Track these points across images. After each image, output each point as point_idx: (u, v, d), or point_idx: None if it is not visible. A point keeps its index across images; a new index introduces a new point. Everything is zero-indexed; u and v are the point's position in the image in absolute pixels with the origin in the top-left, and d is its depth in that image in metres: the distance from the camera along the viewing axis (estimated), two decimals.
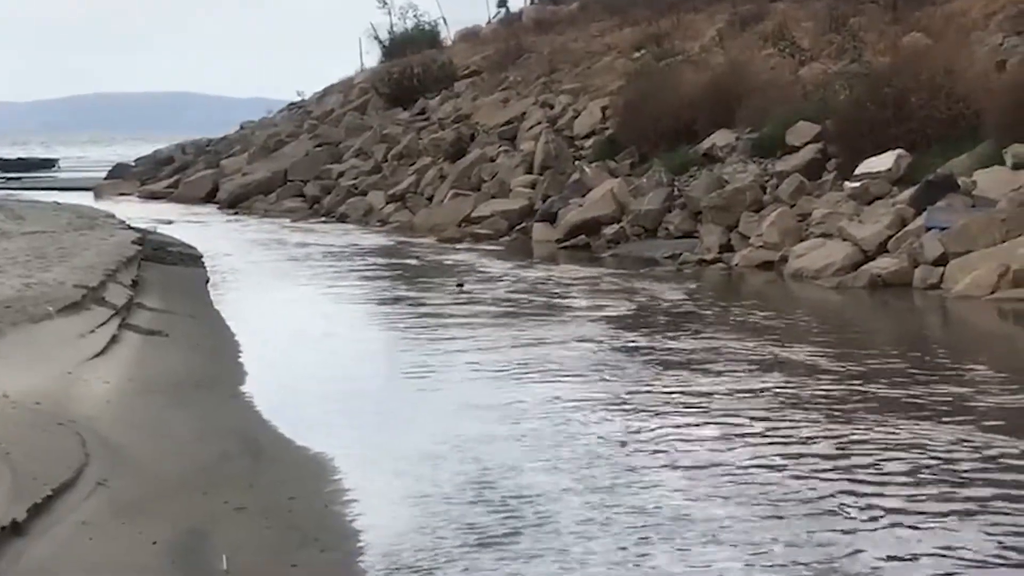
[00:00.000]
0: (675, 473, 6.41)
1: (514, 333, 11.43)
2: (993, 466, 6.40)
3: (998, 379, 8.74)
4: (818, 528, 5.42)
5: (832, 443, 6.95)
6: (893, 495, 5.91)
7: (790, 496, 5.95)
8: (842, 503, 5.79)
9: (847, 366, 9.37)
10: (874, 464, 6.49)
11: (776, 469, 6.43)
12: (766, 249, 16.81)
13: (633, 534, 5.35)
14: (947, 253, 14.11)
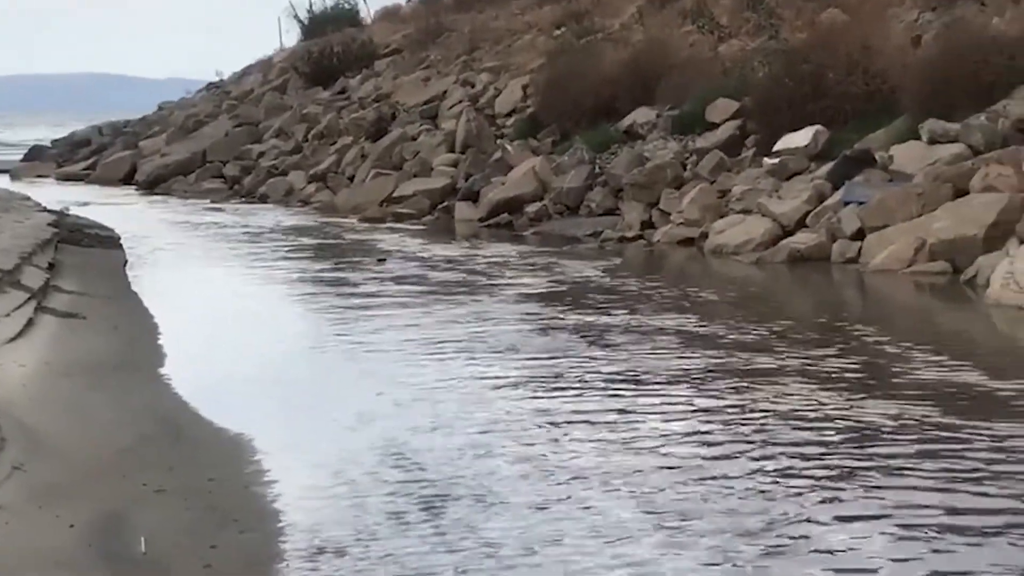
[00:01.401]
0: (596, 449, 6.42)
1: (436, 312, 11.42)
2: (910, 434, 6.46)
3: (914, 351, 8.84)
4: (735, 497, 5.45)
5: (750, 414, 6.99)
6: (812, 463, 5.95)
7: (709, 468, 5.98)
8: (759, 471, 5.83)
9: (766, 340, 9.44)
10: (794, 433, 6.54)
11: (695, 442, 6.46)
12: (687, 226, 16.89)
13: (548, 509, 5.35)
14: (864, 227, 14.25)
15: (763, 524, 5.16)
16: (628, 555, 4.84)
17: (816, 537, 4.98)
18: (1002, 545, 4.83)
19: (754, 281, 13.86)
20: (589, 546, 4.95)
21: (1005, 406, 7.14)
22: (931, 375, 8.02)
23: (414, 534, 5.13)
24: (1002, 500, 5.39)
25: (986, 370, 8.09)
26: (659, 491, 5.60)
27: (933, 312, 11.94)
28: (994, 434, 6.43)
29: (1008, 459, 5.98)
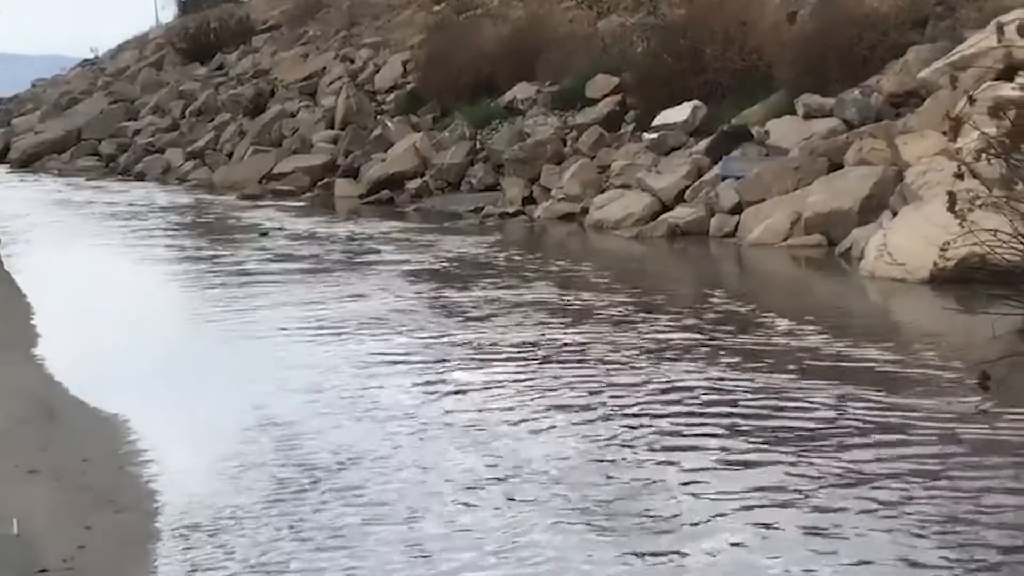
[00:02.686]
0: (478, 423, 6.41)
1: (318, 289, 11.33)
2: (766, 399, 6.54)
3: (788, 322, 8.94)
4: (615, 472, 5.48)
5: (629, 388, 7.03)
6: (687, 436, 6.00)
7: (586, 441, 6.01)
8: (634, 444, 5.86)
9: (645, 314, 9.50)
10: (673, 406, 6.59)
11: (576, 412, 6.48)
12: (567, 201, 16.95)
13: (428, 490, 5.33)
14: (742, 202, 14.40)
15: (604, 480, 5.21)
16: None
17: (662, 501, 5.00)
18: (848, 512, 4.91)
19: (633, 255, 13.95)
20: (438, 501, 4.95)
21: (870, 373, 7.25)
22: (803, 344, 8.12)
23: (289, 512, 5.09)
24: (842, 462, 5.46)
25: (855, 339, 8.21)
26: (529, 466, 5.60)
27: (808, 284, 12.10)
28: (846, 396, 6.53)
29: (846, 420, 6.07)
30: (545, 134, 18.83)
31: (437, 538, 4.72)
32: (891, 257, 10.81)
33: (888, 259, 10.85)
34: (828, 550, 4.46)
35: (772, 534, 4.63)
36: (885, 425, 6.02)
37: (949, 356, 7.52)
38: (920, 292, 10.10)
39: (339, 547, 4.68)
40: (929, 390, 6.73)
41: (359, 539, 4.77)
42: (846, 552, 4.43)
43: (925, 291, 10.04)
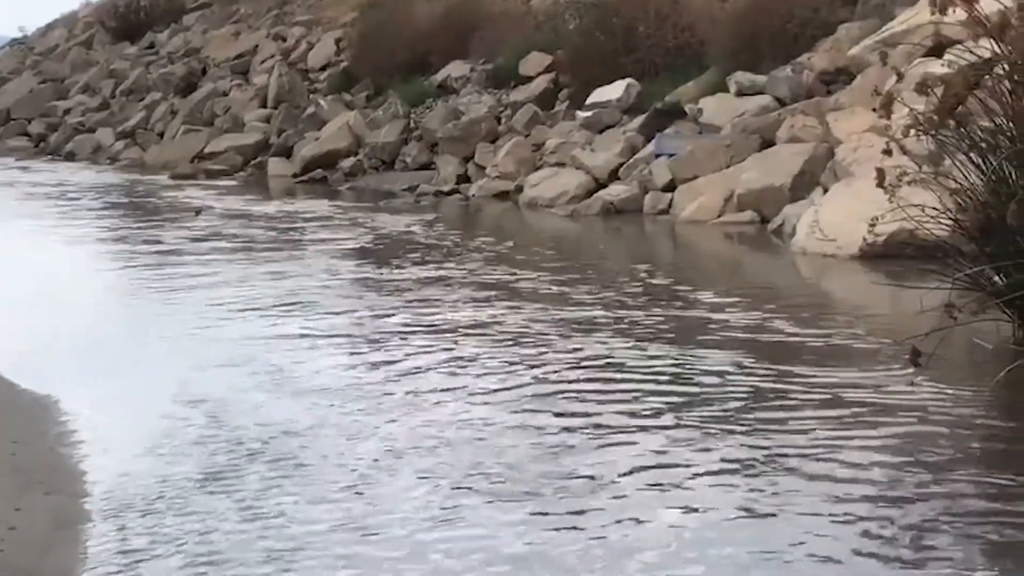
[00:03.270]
0: (408, 400, 6.41)
1: (250, 268, 11.27)
2: (708, 379, 6.58)
3: (719, 298, 9.00)
4: (535, 439, 5.49)
5: (558, 362, 7.04)
6: (618, 412, 6.02)
7: (509, 411, 6.01)
8: (563, 420, 5.88)
9: (574, 290, 9.52)
10: (606, 383, 6.61)
11: (502, 384, 6.49)
12: (502, 179, 16.95)
13: (357, 468, 5.32)
14: (675, 179, 14.46)
15: (522, 447, 5.23)
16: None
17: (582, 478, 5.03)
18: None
19: (567, 233, 13.98)
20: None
21: (799, 349, 7.31)
22: (732, 319, 8.17)
23: (222, 490, 5.06)
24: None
25: (784, 313, 8.28)
26: (445, 444, 5.60)
27: (740, 261, 12.19)
28: (782, 373, 6.58)
29: (773, 393, 6.12)
30: (479, 112, 18.82)
31: (372, 513, 4.71)
32: (822, 233, 10.90)
33: (819, 235, 10.94)
34: (750, 520, 4.49)
35: (689, 504, 4.66)
36: (814, 398, 6.07)
37: (879, 331, 7.60)
38: (850, 268, 10.20)
39: (274, 523, 4.66)
40: (859, 364, 6.80)
41: (294, 514, 4.75)
42: (773, 525, 4.46)
43: (855, 267, 10.14)
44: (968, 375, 6.44)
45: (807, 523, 4.45)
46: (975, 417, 5.83)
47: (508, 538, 4.44)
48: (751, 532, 4.42)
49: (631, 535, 4.43)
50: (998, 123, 6.83)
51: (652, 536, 4.40)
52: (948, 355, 6.43)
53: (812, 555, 4.18)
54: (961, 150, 7.10)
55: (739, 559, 4.18)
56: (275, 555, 4.37)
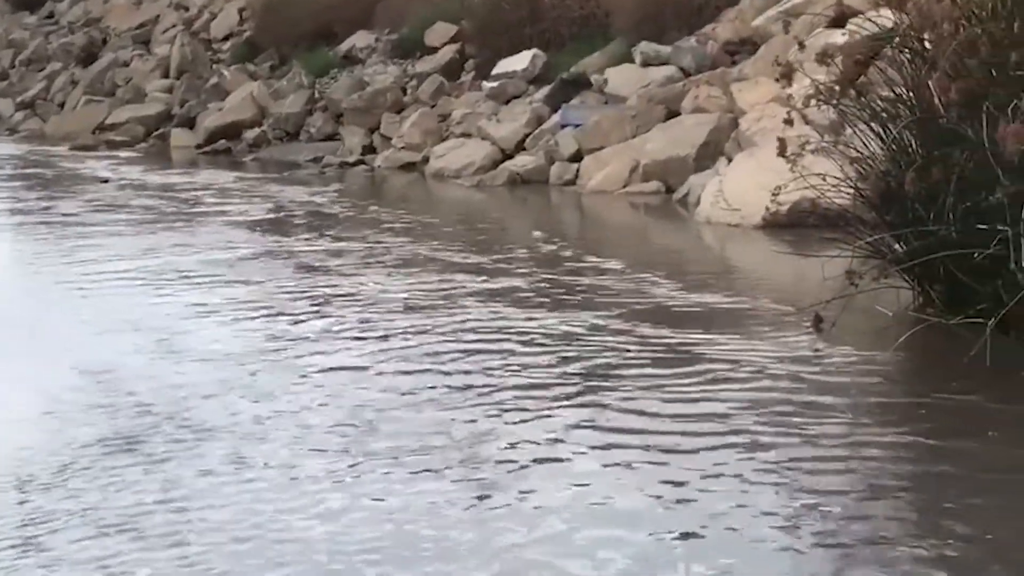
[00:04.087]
0: (313, 373, 6.37)
1: (151, 239, 11.13)
2: (613, 346, 6.60)
3: (624, 267, 9.03)
4: (433, 410, 5.48)
5: (461, 332, 7.03)
6: (520, 377, 6.03)
7: (410, 379, 6.00)
8: (457, 385, 5.87)
9: (480, 260, 9.51)
10: (513, 347, 6.61)
11: (404, 355, 6.47)
12: (408, 150, 16.89)
13: (251, 437, 5.29)
14: (581, 149, 14.49)
15: (421, 416, 5.23)
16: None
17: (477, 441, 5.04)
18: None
19: (473, 204, 13.96)
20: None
21: (701, 317, 7.36)
22: (637, 288, 8.20)
23: (121, 463, 5.00)
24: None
25: (688, 282, 8.33)
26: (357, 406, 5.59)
27: (645, 230, 12.24)
28: (683, 340, 6.62)
29: (678, 361, 6.16)
30: (384, 83, 18.71)
31: (281, 487, 4.67)
32: (726, 203, 10.97)
33: (723, 205, 11.01)
34: (656, 489, 4.51)
35: (595, 474, 4.67)
36: (719, 366, 6.10)
37: (781, 299, 7.65)
38: (754, 237, 10.27)
39: (177, 494, 4.61)
40: (762, 332, 6.85)
41: (195, 484, 4.70)
42: (678, 493, 4.48)
43: (759, 236, 10.22)
44: (869, 341, 6.51)
45: (679, 492, 4.48)
46: (875, 381, 5.90)
47: (404, 497, 4.42)
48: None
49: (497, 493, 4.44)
50: (898, 93, 6.90)
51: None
52: (850, 322, 6.50)
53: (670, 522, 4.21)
54: (862, 120, 7.17)
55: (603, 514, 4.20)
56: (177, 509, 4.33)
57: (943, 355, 6.29)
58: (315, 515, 4.35)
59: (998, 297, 5.84)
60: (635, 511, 4.28)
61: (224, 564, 4.00)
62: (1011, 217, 5.55)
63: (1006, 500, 4.31)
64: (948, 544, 3.94)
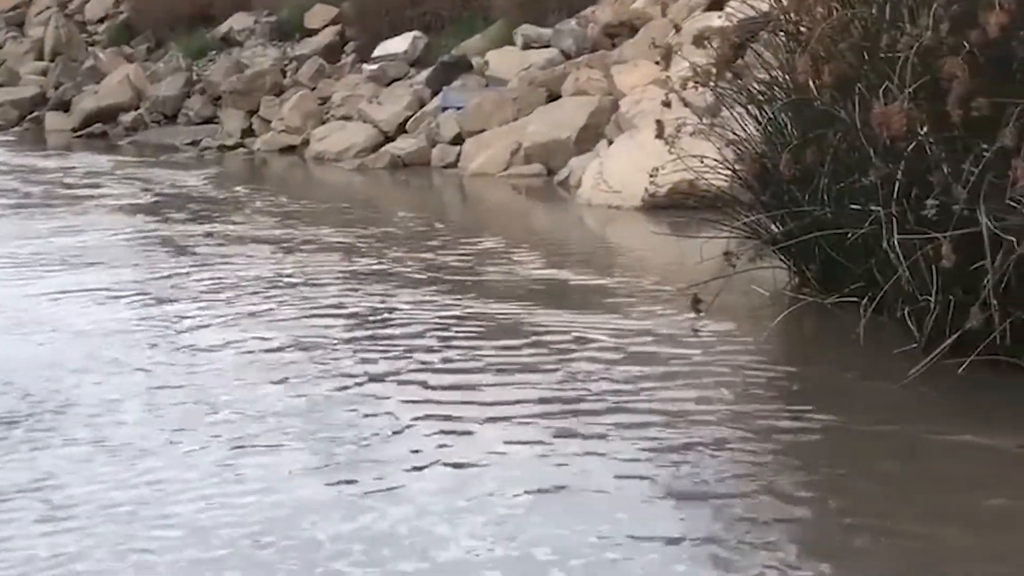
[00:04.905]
0: (188, 350, 6.30)
1: (24, 224, 10.92)
2: (493, 330, 6.61)
3: (505, 249, 9.05)
4: (304, 390, 5.45)
5: (343, 316, 7.00)
6: (394, 362, 6.02)
7: (282, 364, 5.96)
8: (319, 368, 5.85)
9: (366, 243, 9.47)
10: (377, 338, 6.59)
11: (299, 348, 6.43)
12: (288, 133, 16.77)
13: (106, 414, 5.22)
14: (463, 132, 14.48)
15: (296, 397, 5.21)
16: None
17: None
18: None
19: (355, 187, 13.90)
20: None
21: (581, 298, 7.39)
22: (518, 270, 8.22)
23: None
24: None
25: (569, 264, 8.37)
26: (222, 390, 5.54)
27: (527, 212, 12.26)
28: (564, 321, 6.65)
29: (561, 342, 6.19)
30: (263, 65, 18.54)
31: (158, 468, 4.61)
32: (607, 185, 11.04)
33: (604, 187, 11.07)
34: (537, 468, 4.52)
35: (480, 458, 4.68)
36: (600, 346, 6.14)
37: (661, 280, 7.73)
38: (635, 218, 10.35)
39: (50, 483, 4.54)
40: (641, 311, 6.90)
41: (54, 460, 4.63)
42: (561, 473, 4.50)
43: (639, 217, 10.29)
44: (746, 320, 6.59)
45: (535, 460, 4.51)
46: (751, 359, 5.97)
47: (281, 479, 4.39)
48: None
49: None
50: (773, 75, 6.99)
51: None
52: (728, 301, 6.58)
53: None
54: (739, 102, 7.25)
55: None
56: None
57: (818, 334, 6.40)
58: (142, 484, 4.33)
59: (872, 276, 5.93)
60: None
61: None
62: (883, 197, 5.64)
63: (874, 472, 4.39)
64: (796, 508, 4.03)
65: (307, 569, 3.71)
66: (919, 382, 5.19)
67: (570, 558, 3.71)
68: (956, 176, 5.20)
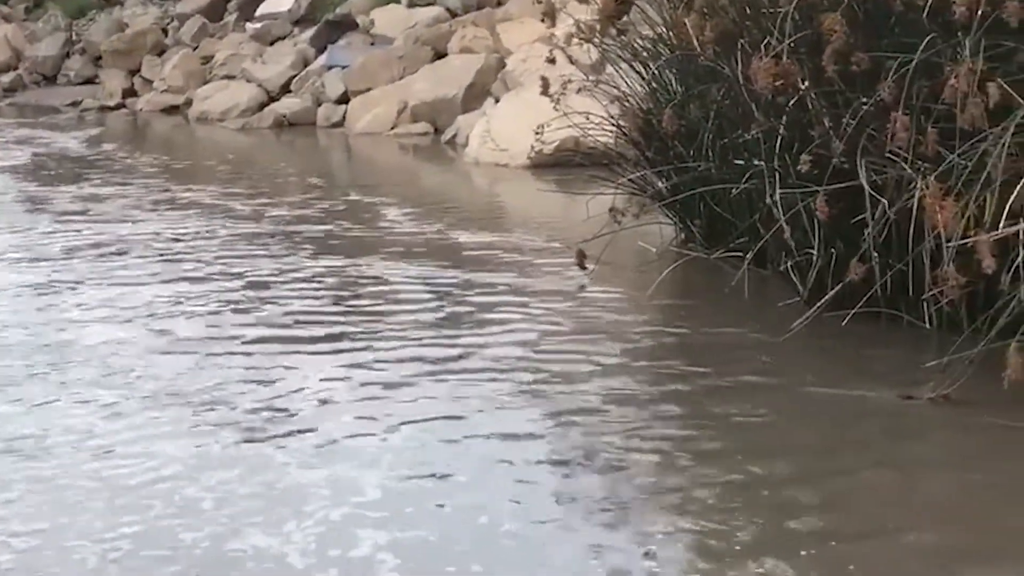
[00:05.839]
0: (65, 314, 6.19)
1: None
2: (383, 292, 6.58)
3: (392, 210, 9.00)
4: (195, 348, 5.39)
5: (231, 277, 6.92)
6: (291, 325, 5.97)
7: (169, 321, 5.89)
8: (208, 332, 5.79)
9: (251, 204, 9.37)
10: (271, 290, 6.53)
11: (166, 299, 6.34)
12: (170, 93, 16.55)
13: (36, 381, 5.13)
14: (348, 91, 14.37)
15: (185, 362, 5.15)
16: None
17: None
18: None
19: (239, 147, 13.73)
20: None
21: (469, 256, 7.38)
22: (405, 230, 8.19)
23: None
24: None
25: (457, 223, 8.34)
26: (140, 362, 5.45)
27: (414, 172, 12.21)
28: (452, 279, 6.65)
29: (450, 301, 6.19)
30: (145, 24, 18.23)
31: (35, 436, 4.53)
32: (494, 143, 11.03)
33: (491, 145, 11.06)
34: (428, 429, 4.51)
35: (367, 423, 4.66)
36: (486, 304, 6.13)
37: (549, 237, 7.73)
38: (522, 176, 10.35)
39: None
40: (527, 269, 6.91)
41: None
42: (455, 428, 4.49)
43: (527, 175, 10.30)
44: (633, 276, 6.62)
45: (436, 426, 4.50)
46: (637, 314, 6.00)
47: (164, 441, 4.33)
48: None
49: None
50: (658, 32, 7.00)
51: None
52: (615, 258, 6.60)
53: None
54: (624, 58, 7.26)
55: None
56: None
57: (703, 289, 6.44)
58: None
59: (756, 231, 5.98)
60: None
61: None
62: (765, 152, 5.68)
63: (762, 416, 4.43)
64: (675, 464, 4.06)
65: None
66: (802, 335, 5.25)
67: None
68: (836, 130, 5.25)
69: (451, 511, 3.73)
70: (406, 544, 3.49)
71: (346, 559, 3.42)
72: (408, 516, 3.68)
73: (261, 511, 3.72)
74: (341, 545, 3.49)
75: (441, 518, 3.68)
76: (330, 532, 3.58)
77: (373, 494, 3.84)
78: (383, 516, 3.68)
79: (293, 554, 3.45)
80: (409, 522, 3.63)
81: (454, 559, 3.40)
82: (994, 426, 4.24)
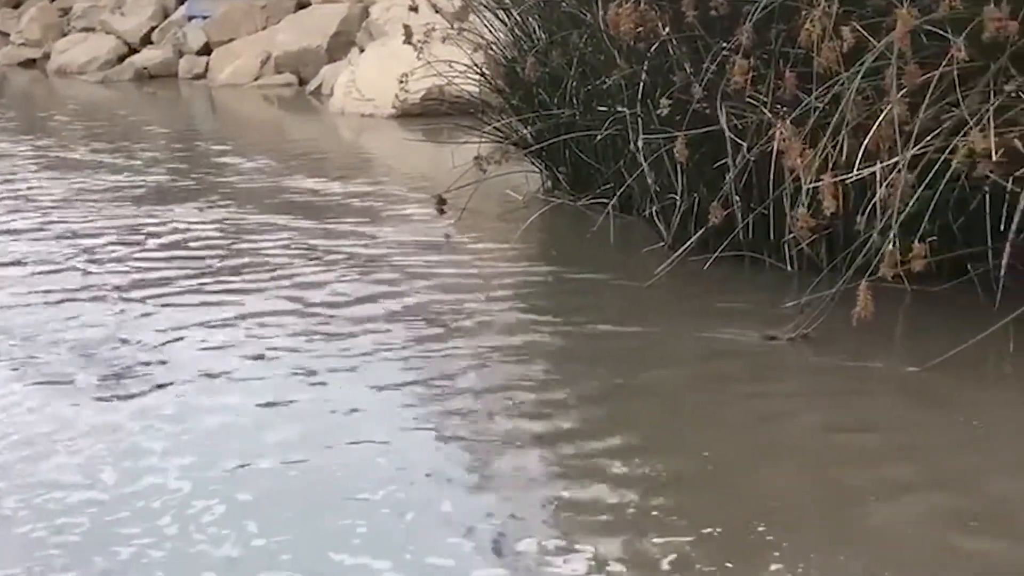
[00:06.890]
0: None
1: None
2: (250, 245, 6.51)
3: (256, 162, 8.91)
4: (79, 311, 5.30)
5: (99, 233, 6.80)
6: (159, 279, 5.88)
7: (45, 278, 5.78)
8: (91, 292, 5.70)
9: (115, 158, 9.22)
10: (139, 251, 6.43)
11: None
12: (28, 46, 16.19)
13: None
14: (210, 43, 14.16)
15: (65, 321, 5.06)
16: None
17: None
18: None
19: (99, 101, 13.46)
20: None
21: (333, 207, 7.33)
22: (270, 182, 8.10)
23: None
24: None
25: (323, 174, 8.29)
26: None
27: (279, 123, 12.09)
28: (315, 230, 6.60)
29: (317, 253, 6.15)
30: None
31: None
32: (359, 93, 10.94)
33: (356, 95, 10.97)
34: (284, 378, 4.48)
35: (251, 371, 4.61)
36: (352, 254, 6.10)
37: (414, 187, 7.70)
38: (388, 126, 10.29)
39: None
40: (392, 219, 6.88)
41: None
42: (354, 378, 4.46)
43: (393, 125, 10.24)
44: (499, 224, 6.62)
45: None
46: (504, 262, 6.01)
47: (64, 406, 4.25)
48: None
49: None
50: None
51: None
52: (482, 206, 6.60)
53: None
54: (487, 6, 7.23)
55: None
56: None
57: (569, 235, 6.47)
58: None
59: (621, 177, 6.01)
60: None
61: None
62: (628, 98, 5.71)
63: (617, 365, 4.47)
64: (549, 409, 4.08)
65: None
66: (666, 280, 5.29)
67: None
68: (696, 75, 5.28)
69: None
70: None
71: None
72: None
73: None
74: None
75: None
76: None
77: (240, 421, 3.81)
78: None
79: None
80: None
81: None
82: (842, 368, 4.32)
